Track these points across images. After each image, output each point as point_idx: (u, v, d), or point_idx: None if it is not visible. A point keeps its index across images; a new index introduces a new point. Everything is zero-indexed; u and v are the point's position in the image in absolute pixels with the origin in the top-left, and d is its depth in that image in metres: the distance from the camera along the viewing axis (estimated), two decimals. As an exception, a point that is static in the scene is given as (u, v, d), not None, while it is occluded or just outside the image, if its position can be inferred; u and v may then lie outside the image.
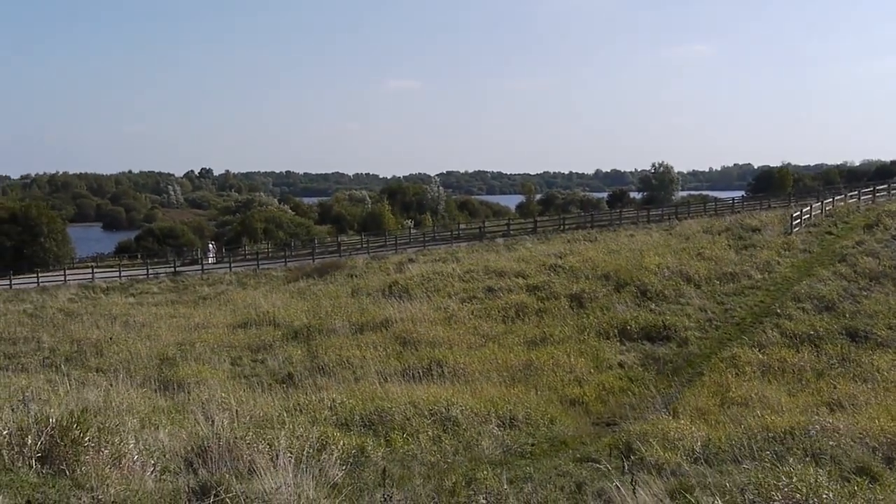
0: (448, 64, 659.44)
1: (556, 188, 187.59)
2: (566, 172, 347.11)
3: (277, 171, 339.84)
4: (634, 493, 6.77)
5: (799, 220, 37.41)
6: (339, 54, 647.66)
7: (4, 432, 7.38)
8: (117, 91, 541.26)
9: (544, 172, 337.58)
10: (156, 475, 7.44)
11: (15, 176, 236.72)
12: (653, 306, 25.87)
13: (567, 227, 52.24)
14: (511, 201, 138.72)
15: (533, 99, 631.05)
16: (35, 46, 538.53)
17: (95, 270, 51.77)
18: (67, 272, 52.03)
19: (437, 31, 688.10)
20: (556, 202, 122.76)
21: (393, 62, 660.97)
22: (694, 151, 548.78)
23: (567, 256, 35.01)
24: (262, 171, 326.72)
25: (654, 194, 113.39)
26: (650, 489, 7.11)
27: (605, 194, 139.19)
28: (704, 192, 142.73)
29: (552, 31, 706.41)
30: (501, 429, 13.73)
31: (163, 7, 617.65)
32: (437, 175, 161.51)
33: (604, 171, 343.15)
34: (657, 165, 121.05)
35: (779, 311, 24.32)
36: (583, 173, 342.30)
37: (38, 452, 7.18)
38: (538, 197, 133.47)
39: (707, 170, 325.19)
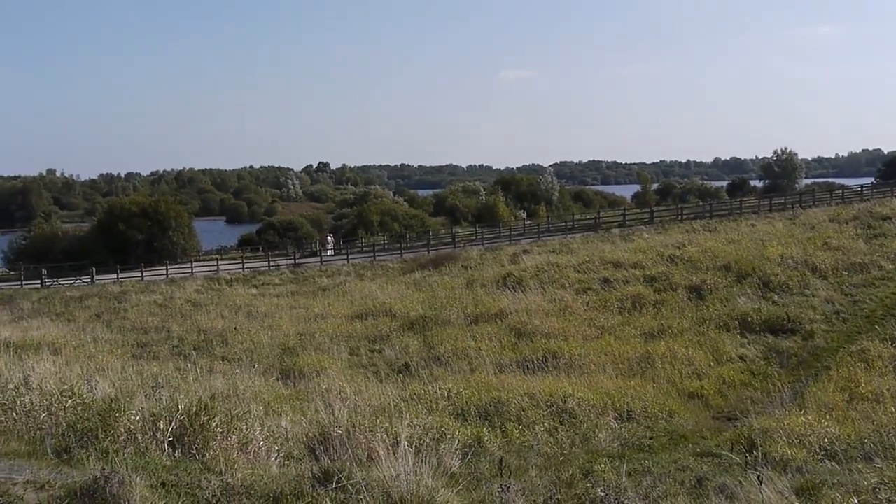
0: (563, 53, 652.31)
1: (674, 177, 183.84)
2: (683, 161, 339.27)
3: (392, 165, 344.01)
4: (760, 489, 6.57)
5: (934, 208, 35.56)
6: (452, 47, 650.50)
7: (139, 418, 7.75)
8: (238, 89, 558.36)
9: (661, 161, 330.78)
10: (280, 461, 7.67)
11: (145, 172, 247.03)
12: (776, 298, 25.07)
13: (685, 216, 51.09)
14: (626, 191, 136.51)
15: (649, 85, 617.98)
16: (161, 47, 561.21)
17: (220, 263, 53.63)
18: (194, 264, 54.05)
19: (552, 20, 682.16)
20: (674, 191, 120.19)
21: (507, 53, 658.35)
22: (819, 137, 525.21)
23: (685, 247, 34.28)
24: (378, 164, 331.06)
25: (776, 182, 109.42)
26: (775, 486, 6.90)
27: (724, 183, 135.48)
28: (830, 180, 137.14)
29: (669, 15, 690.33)
30: (619, 421, 13.57)
31: (277, 4, 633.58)
32: (550, 165, 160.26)
33: (723, 158, 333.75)
34: (779, 152, 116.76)
35: (913, 303, 23.19)
36: (701, 161, 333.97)
37: (169, 437, 7.50)
38: (655, 186, 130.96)
39: (833, 156, 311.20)
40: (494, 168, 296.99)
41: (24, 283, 52.08)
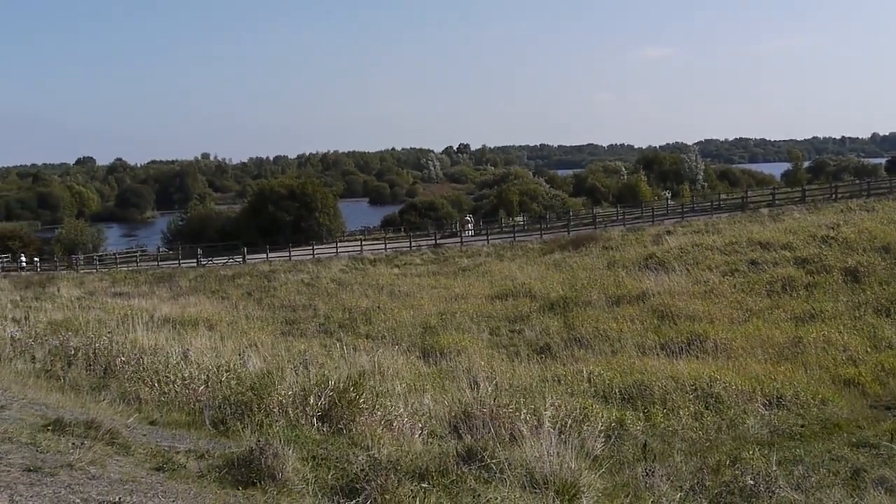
0: (706, 28, 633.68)
1: (827, 154, 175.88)
2: (837, 137, 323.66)
3: (532, 145, 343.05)
4: (924, 483, 6.23)
5: None
6: (591, 25, 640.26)
7: (290, 392, 8.04)
8: (381, 73, 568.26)
9: (813, 138, 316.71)
10: (423, 438, 7.81)
11: (292, 155, 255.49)
12: (941, 281, 23.56)
13: (840, 195, 48.69)
14: (775, 169, 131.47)
15: (799, 59, 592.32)
16: (306, 34, 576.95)
17: (363, 243, 54.95)
18: (339, 244, 55.65)
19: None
20: (827, 169, 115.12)
21: (646, 30, 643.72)
22: None
23: (840, 227, 32.66)
24: (517, 144, 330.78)
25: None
26: (940, 480, 6.53)
27: (883, 160, 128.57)
28: None
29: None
30: (768, 408, 13.10)
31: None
32: (694, 144, 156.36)
33: (881, 134, 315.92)
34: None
35: None
36: (857, 137, 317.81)
37: (318, 412, 7.76)
38: (806, 164, 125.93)
39: None
40: (636, 147, 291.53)
41: (181, 261, 54.98)
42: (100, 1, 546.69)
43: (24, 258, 62.59)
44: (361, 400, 7.86)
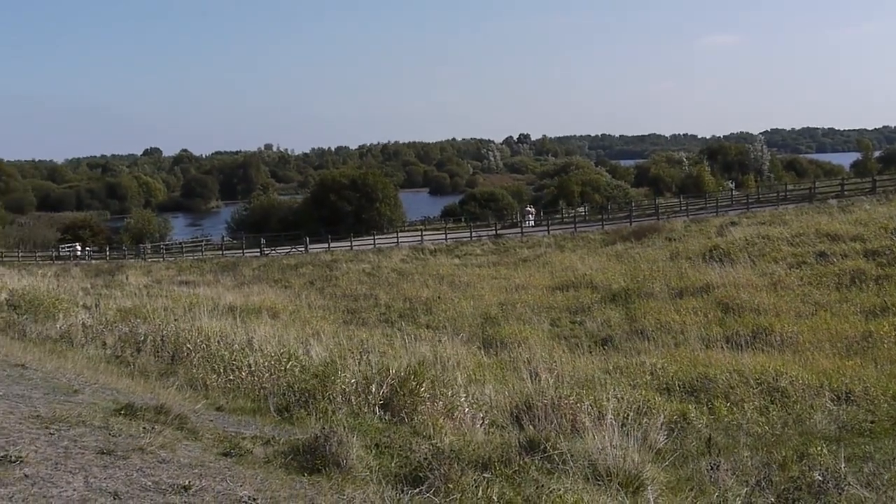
0: (773, 16, 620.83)
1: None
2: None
3: (593, 135, 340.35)
4: None
5: None
6: (653, 13, 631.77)
7: (353, 381, 8.13)
8: (440, 64, 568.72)
9: (884, 127, 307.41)
10: (485, 428, 7.82)
11: (353, 146, 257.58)
12: None
13: (912, 186, 47.40)
14: (844, 159, 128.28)
15: (868, 46, 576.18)
16: (365, 26, 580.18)
17: (424, 233, 55.11)
18: (399, 234, 55.90)
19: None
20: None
21: (708, 18, 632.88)
22: None
23: (913, 218, 31.79)
24: (578, 134, 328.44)
25: None
26: None
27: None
28: None
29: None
30: (836, 403, 12.81)
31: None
32: (760, 133, 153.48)
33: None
34: None
35: None
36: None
37: (380, 400, 7.83)
38: (877, 154, 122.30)
39: None
40: (700, 137, 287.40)
41: (245, 251, 55.84)
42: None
43: (78, 248, 64.84)
44: (422, 389, 7.90)
